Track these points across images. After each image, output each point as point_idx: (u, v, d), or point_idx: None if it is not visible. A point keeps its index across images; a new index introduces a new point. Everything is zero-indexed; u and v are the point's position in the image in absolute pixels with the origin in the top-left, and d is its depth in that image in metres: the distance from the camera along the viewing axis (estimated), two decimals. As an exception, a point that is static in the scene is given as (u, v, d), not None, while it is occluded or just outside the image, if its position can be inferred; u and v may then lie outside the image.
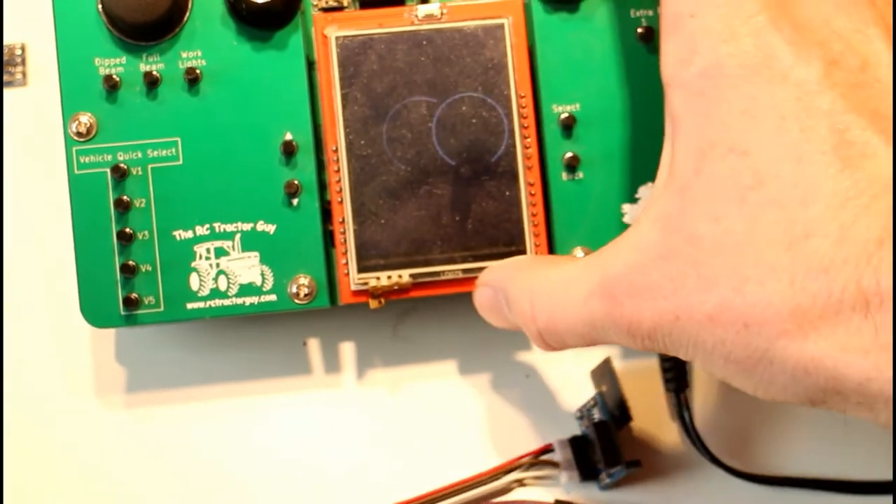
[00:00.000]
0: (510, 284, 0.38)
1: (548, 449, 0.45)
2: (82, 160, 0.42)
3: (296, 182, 0.42)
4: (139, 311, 0.42)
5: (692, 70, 0.31)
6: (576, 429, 0.46)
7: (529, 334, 0.37)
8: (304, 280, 0.42)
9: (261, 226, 0.43)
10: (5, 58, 0.48)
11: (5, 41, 0.48)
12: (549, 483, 0.45)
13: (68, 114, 0.42)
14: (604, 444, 0.43)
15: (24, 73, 0.48)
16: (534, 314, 0.36)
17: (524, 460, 0.45)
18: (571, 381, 0.46)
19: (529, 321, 0.36)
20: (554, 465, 0.45)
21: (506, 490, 0.45)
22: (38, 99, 0.48)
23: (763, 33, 0.30)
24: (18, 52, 0.48)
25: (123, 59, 0.43)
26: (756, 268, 0.29)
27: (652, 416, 0.46)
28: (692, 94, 0.31)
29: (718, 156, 0.30)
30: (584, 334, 0.35)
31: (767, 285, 0.29)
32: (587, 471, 0.44)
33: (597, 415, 0.44)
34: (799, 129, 0.29)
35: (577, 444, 0.45)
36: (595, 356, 0.46)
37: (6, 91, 0.48)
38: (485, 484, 0.44)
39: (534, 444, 0.45)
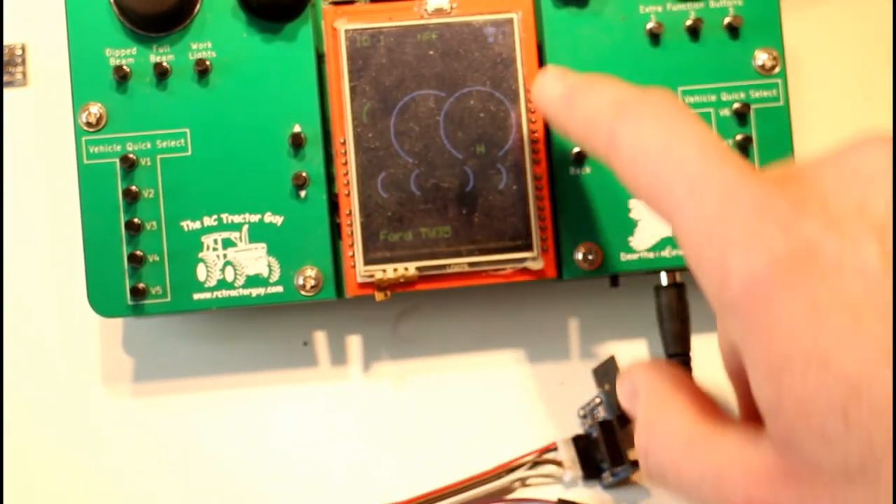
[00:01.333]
0: (651, 408, 0.34)
1: (551, 448, 0.45)
2: (92, 150, 0.43)
3: (304, 174, 0.42)
4: (146, 301, 0.43)
5: (734, 288, 0.27)
6: (578, 427, 0.46)
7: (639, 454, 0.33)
8: (310, 272, 0.43)
9: (268, 217, 0.43)
10: (5, 58, 0.48)
11: (5, 41, 0.48)
12: (551, 482, 0.45)
13: (78, 104, 0.43)
14: (608, 444, 0.43)
15: (24, 74, 0.48)
16: (651, 451, 0.33)
17: (527, 459, 0.45)
18: (574, 380, 0.46)
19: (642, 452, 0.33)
20: (557, 463, 0.45)
21: (508, 489, 0.45)
22: (37, 99, 0.48)
23: (794, 226, 0.27)
24: (18, 52, 0.48)
25: (134, 50, 0.43)
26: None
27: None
28: (744, 313, 0.27)
29: (797, 373, 0.26)
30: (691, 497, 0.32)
31: None
32: (590, 470, 0.44)
33: (601, 413, 0.44)
34: (880, 321, 0.25)
35: (580, 443, 0.45)
36: (599, 356, 0.46)
37: (6, 91, 0.48)
38: (488, 482, 0.44)
39: (536, 443, 0.45)
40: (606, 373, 0.45)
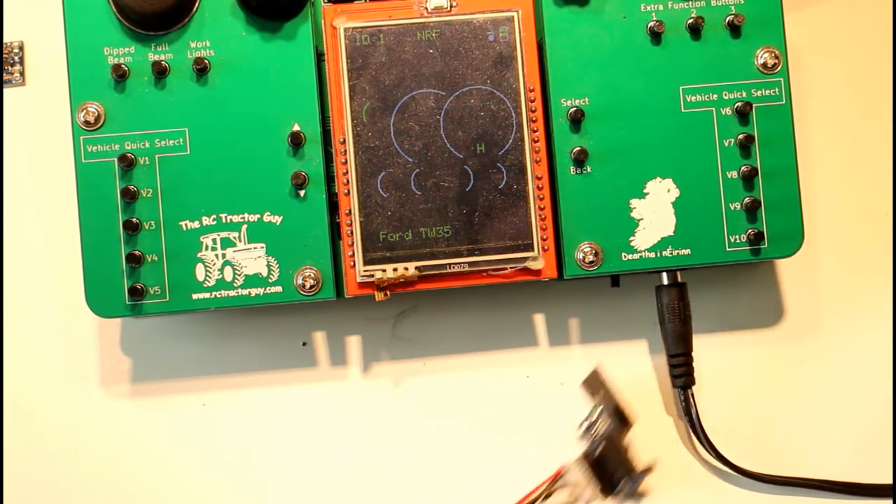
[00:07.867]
0: None
1: (560, 475, 0.44)
2: (89, 149, 0.42)
3: (303, 173, 0.42)
4: (145, 302, 0.42)
5: None
6: (576, 428, 0.45)
7: None
8: (310, 272, 0.42)
9: (267, 217, 0.43)
10: (3, 56, 0.47)
11: (4, 39, 0.48)
12: None
13: (76, 103, 0.42)
14: (617, 456, 0.43)
15: (21, 72, 0.48)
16: None
17: (539, 492, 0.44)
18: (574, 379, 0.46)
19: None
20: (571, 487, 0.44)
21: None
22: (35, 97, 0.48)
23: None
24: (16, 50, 0.48)
25: (132, 49, 0.43)
26: None
27: (654, 412, 0.46)
28: None
29: None
30: None
31: None
32: (605, 484, 0.44)
33: (601, 427, 0.44)
34: None
35: (587, 460, 0.44)
36: (599, 356, 0.46)
37: (4, 90, 0.48)
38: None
39: (536, 441, 0.45)
40: (594, 384, 0.44)
